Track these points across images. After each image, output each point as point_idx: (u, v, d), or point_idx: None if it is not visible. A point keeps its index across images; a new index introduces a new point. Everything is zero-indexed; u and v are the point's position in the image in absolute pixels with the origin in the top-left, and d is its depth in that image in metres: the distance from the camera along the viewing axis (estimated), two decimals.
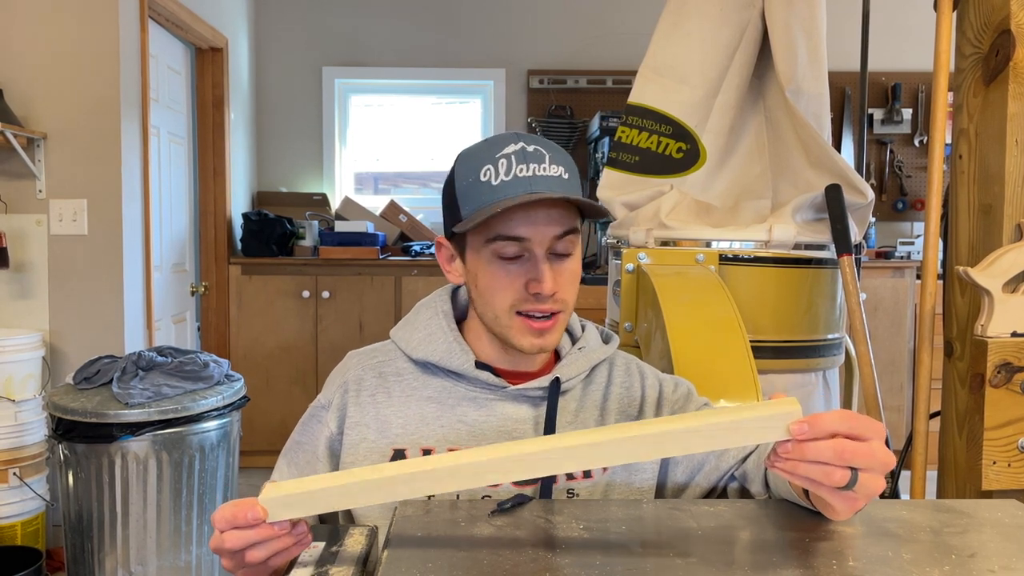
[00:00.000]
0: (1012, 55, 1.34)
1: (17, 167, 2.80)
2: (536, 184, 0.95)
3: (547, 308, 0.98)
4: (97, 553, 2.27)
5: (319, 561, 0.79)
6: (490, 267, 0.99)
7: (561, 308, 1.00)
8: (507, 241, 0.96)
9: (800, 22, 1.75)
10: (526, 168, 0.96)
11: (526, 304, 0.98)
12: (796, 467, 0.73)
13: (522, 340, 1.00)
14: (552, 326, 1.00)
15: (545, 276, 0.96)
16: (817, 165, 1.75)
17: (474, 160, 0.99)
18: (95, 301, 2.90)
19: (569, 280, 1.00)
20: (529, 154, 0.97)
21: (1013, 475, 1.32)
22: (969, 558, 0.72)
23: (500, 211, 0.93)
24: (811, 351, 1.74)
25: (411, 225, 4.35)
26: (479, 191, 0.97)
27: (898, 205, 4.54)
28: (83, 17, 2.83)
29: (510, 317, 0.99)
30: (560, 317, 1.01)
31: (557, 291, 0.98)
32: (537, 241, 0.96)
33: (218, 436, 2.37)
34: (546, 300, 0.98)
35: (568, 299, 1.01)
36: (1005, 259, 1.32)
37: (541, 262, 0.97)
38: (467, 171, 0.99)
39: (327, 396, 1.08)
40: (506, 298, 0.99)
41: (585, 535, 0.77)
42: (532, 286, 0.97)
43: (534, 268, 0.97)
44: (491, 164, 0.97)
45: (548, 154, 0.98)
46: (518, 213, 0.95)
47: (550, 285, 0.96)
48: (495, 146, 0.99)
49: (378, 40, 4.55)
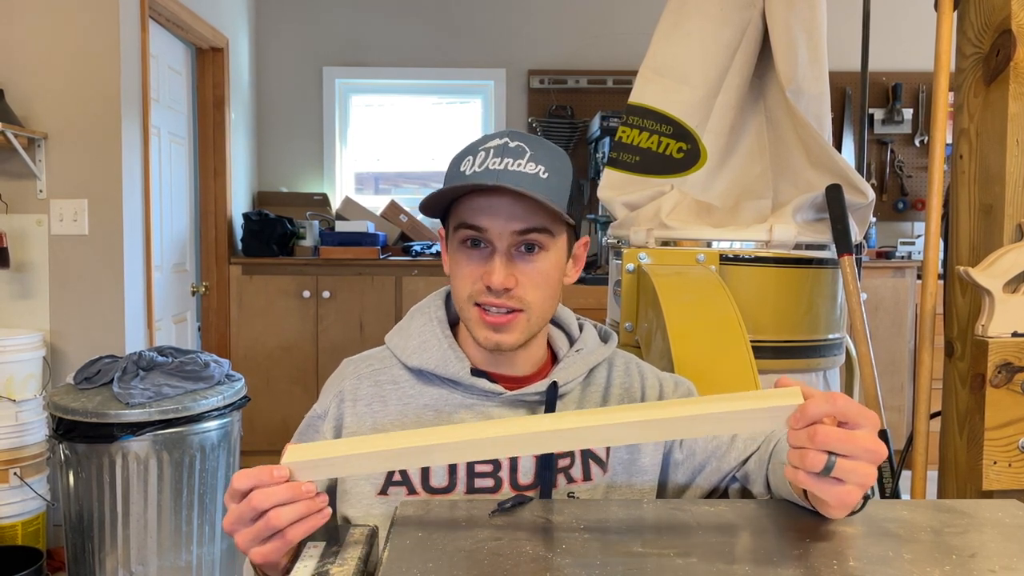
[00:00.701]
0: (1013, 55, 1.33)
1: (18, 167, 2.81)
2: (503, 177, 0.95)
3: (500, 303, 0.97)
4: (98, 553, 2.27)
5: (320, 561, 0.79)
6: (456, 254, 1.00)
7: (520, 307, 0.98)
8: (468, 229, 0.97)
9: (801, 22, 1.75)
10: (499, 162, 0.96)
11: (482, 296, 0.98)
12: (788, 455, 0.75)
13: (478, 332, 1.00)
14: (508, 323, 0.98)
15: (496, 269, 0.96)
16: (818, 165, 1.75)
17: (463, 152, 1.01)
18: (96, 301, 2.90)
19: (535, 279, 0.98)
20: (509, 149, 0.97)
21: (1014, 475, 1.32)
22: (970, 558, 0.72)
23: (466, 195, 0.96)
24: (812, 351, 1.74)
25: (412, 225, 4.35)
26: (454, 179, 0.99)
27: (899, 205, 4.54)
28: (84, 17, 2.83)
29: (469, 308, 1.00)
30: (519, 317, 0.98)
31: (514, 288, 0.97)
32: (496, 234, 0.96)
33: (219, 436, 2.37)
34: (500, 294, 0.97)
35: (530, 299, 0.98)
36: (1006, 259, 1.32)
37: (497, 255, 0.97)
38: (455, 162, 1.02)
39: (323, 406, 1.07)
40: (464, 287, 0.99)
41: (586, 535, 0.77)
42: (484, 277, 0.97)
43: (490, 261, 0.97)
44: (471, 155, 0.99)
45: (531, 152, 0.97)
46: (480, 202, 0.96)
47: (500, 279, 0.95)
48: (483, 140, 1.00)
49: (379, 40, 4.55)
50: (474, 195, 0.96)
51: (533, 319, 1.00)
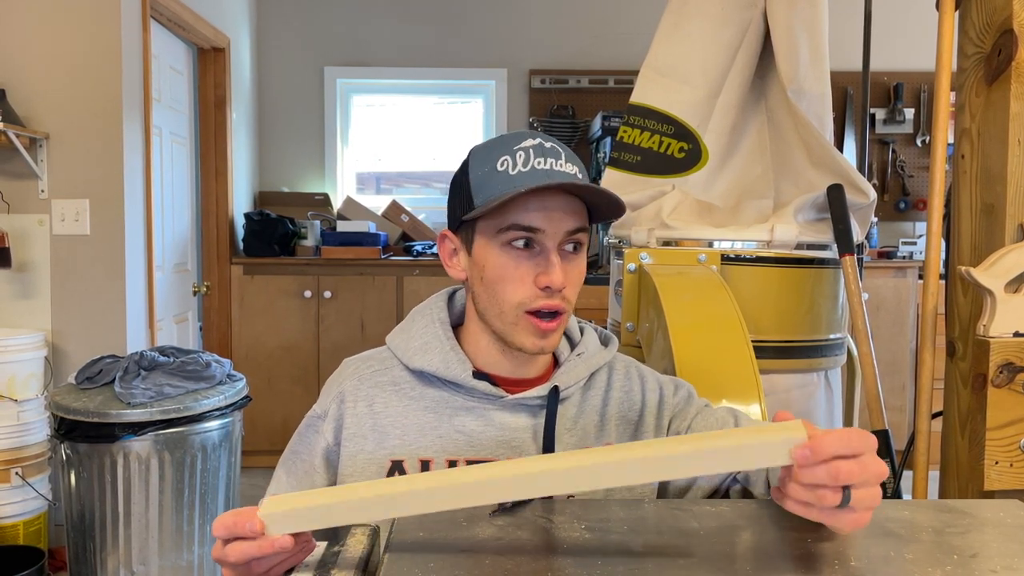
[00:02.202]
0: (1014, 55, 1.33)
1: (19, 167, 2.81)
2: (555, 177, 0.95)
3: (555, 304, 0.97)
4: (99, 553, 2.27)
5: (320, 562, 0.79)
6: (500, 258, 0.98)
7: (566, 307, 0.99)
8: (520, 231, 0.96)
9: (802, 22, 1.75)
10: (544, 162, 0.96)
11: (536, 302, 0.97)
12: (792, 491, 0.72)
13: (525, 340, 0.99)
14: (556, 327, 0.99)
15: (555, 268, 0.95)
16: (819, 165, 1.75)
17: (491, 152, 0.99)
18: (97, 301, 2.90)
19: (576, 280, 1.00)
20: (547, 149, 0.97)
21: (1015, 475, 1.31)
22: (971, 558, 0.72)
23: (519, 196, 0.93)
24: (813, 351, 1.74)
25: (413, 225, 4.36)
26: (496, 180, 0.96)
27: (900, 205, 4.54)
28: (85, 17, 2.83)
29: (517, 315, 0.98)
30: (563, 318, 1.00)
31: (566, 287, 0.97)
32: (550, 234, 0.96)
33: (220, 436, 2.37)
34: (555, 295, 0.97)
35: (572, 299, 1.00)
36: (1007, 259, 1.32)
37: (552, 254, 0.96)
38: (483, 162, 0.99)
39: (323, 406, 1.07)
40: (515, 294, 0.97)
41: (587, 535, 0.77)
42: (541, 279, 0.96)
43: (544, 261, 0.96)
44: (508, 155, 0.97)
45: (563, 152, 0.98)
46: (534, 203, 0.95)
47: (560, 278, 0.95)
48: (513, 140, 0.99)
49: (380, 40, 4.55)
50: (527, 196, 0.95)
51: (568, 318, 1.02)
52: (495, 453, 1.01)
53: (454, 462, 1.01)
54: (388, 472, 1.01)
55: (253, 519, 0.76)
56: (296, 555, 0.79)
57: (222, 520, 0.77)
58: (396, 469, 1.01)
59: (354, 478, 1.02)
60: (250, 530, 0.76)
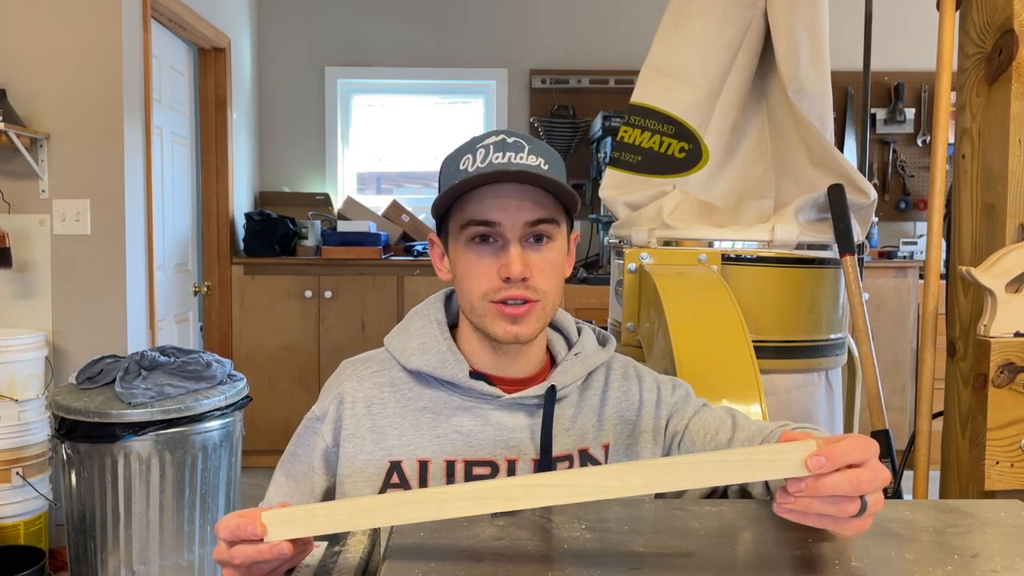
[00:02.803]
0: (1015, 55, 1.33)
1: (20, 167, 2.81)
2: (510, 170, 0.95)
3: (519, 294, 0.97)
4: (100, 553, 2.27)
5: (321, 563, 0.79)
6: (465, 254, 0.99)
7: (536, 297, 0.98)
8: (478, 225, 0.97)
9: (803, 22, 1.75)
10: (502, 156, 0.97)
11: (500, 293, 0.97)
12: (810, 506, 0.71)
13: (496, 327, 0.99)
14: (525, 313, 0.98)
15: (513, 260, 0.96)
16: (820, 165, 1.75)
17: (458, 153, 1.01)
18: (98, 301, 2.90)
19: (546, 269, 0.99)
20: (508, 144, 0.98)
21: (1016, 475, 1.31)
22: (972, 558, 0.72)
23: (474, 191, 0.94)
24: (814, 351, 1.74)
25: (413, 225, 4.36)
26: (456, 179, 0.98)
27: (901, 205, 4.53)
28: (86, 17, 2.83)
29: (484, 307, 0.99)
30: (536, 307, 0.99)
31: (529, 278, 0.97)
32: (508, 226, 0.96)
33: (221, 436, 2.37)
34: (518, 285, 0.97)
35: (545, 288, 0.99)
36: (1008, 259, 1.32)
37: (512, 245, 0.96)
38: (450, 163, 1.01)
39: (322, 407, 1.07)
40: (480, 285, 0.98)
41: (587, 535, 0.77)
42: (502, 271, 0.96)
43: (505, 254, 0.97)
44: (470, 153, 0.99)
45: (528, 146, 0.98)
46: (489, 197, 0.96)
47: (518, 269, 0.95)
48: (478, 139, 1.01)
49: (380, 40, 4.55)
50: (481, 191, 0.96)
51: (547, 308, 1.01)
52: (493, 453, 1.01)
53: (452, 462, 1.01)
54: (387, 472, 1.01)
55: (255, 523, 0.76)
56: (295, 557, 0.79)
57: (226, 523, 0.77)
58: (394, 469, 1.01)
59: (353, 479, 1.02)
60: (252, 533, 0.76)
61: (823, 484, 0.70)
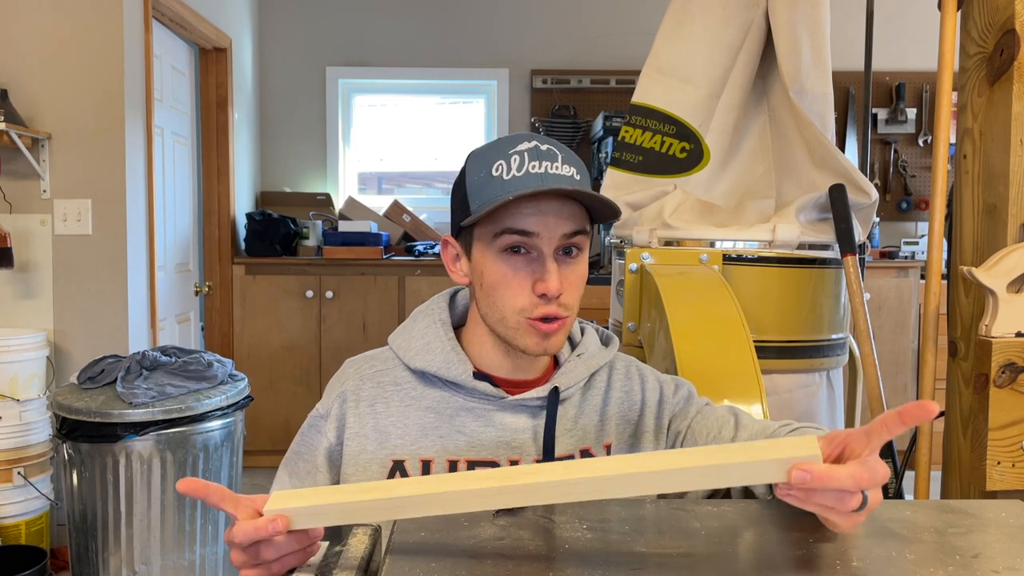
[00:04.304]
0: (1016, 55, 1.33)
1: (22, 167, 2.81)
2: (548, 181, 0.94)
3: (554, 311, 0.97)
4: (101, 552, 2.28)
5: (322, 562, 0.79)
6: (496, 263, 0.97)
7: (566, 314, 0.99)
8: (515, 235, 0.95)
9: (804, 22, 1.75)
10: (539, 165, 0.95)
11: (536, 310, 0.97)
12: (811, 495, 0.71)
13: (528, 342, 0.98)
14: (558, 329, 0.99)
15: (552, 275, 0.95)
16: (821, 165, 1.75)
17: (486, 157, 0.99)
18: (99, 301, 2.90)
19: (575, 284, 0.99)
20: (542, 152, 0.96)
21: (1017, 475, 1.31)
22: (973, 559, 0.72)
23: (511, 200, 0.92)
24: (815, 351, 1.74)
25: (415, 225, 4.36)
26: (490, 185, 0.96)
27: (902, 205, 4.53)
28: (87, 17, 2.84)
29: (519, 321, 0.98)
30: (566, 322, 0.99)
31: (563, 294, 0.97)
32: (546, 238, 0.95)
33: (222, 436, 2.37)
34: (552, 302, 0.96)
35: (573, 303, 0.99)
36: (1009, 259, 1.32)
37: (548, 260, 0.96)
38: (479, 167, 0.99)
39: (325, 406, 1.07)
40: (515, 300, 0.97)
41: (588, 535, 0.77)
42: (538, 286, 0.95)
43: (541, 267, 0.96)
44: (503, 160, 0.96)
45: (561, 154, 0.97)
46: (528, 207, 0.95)
47: (556, 285, 0.95)
48: (508, 144, 0.98)
49: (382, 40, 4.55)
50: (520, 200, 0.94)
51: (571, 323, 1.01)
52: (495, 454, 1.01)
53: (455, 462, 1.01)
54: (390, 472, 1.01)
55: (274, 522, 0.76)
56: (300, 554, 0.79)
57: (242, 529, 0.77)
58: (397, 469, 1.01)
59: (356, 478, 1.02)
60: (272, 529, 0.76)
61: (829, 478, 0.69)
